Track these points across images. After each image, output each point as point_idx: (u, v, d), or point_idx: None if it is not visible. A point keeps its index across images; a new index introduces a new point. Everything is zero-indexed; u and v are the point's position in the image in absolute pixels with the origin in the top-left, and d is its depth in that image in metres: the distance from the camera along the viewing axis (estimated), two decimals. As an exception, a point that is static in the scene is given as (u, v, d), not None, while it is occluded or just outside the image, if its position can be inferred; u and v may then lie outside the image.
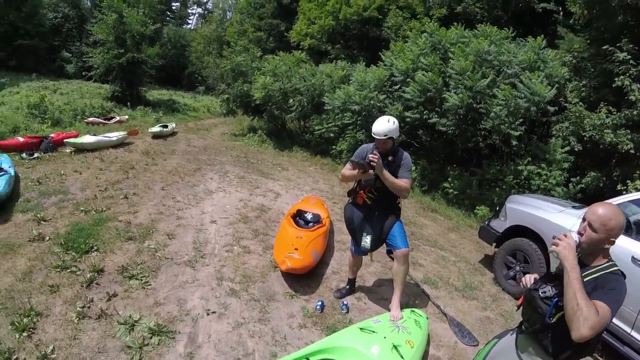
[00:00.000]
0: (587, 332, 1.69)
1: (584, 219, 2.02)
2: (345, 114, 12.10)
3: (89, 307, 3.76)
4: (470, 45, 9.99)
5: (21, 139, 9.48)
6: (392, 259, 4.05)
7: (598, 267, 1.96)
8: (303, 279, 4.61)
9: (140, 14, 21.40)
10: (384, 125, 3.65)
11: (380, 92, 11.47)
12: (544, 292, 2.01)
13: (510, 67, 9.54)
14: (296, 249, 4.55)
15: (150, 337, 3.46)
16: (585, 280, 1.87)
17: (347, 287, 4.51)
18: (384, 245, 3.94)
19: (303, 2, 23.83)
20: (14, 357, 3.15)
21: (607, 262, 1.98)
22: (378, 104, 11.15)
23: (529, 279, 2.23)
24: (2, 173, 6.39)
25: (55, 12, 38.03)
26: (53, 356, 3.19)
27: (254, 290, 4.34)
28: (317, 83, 13.85)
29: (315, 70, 15.07)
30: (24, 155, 8.68)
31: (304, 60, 17.29)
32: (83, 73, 24.86)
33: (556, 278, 2.04)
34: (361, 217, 3.89)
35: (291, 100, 14.03)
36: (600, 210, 1.96)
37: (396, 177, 3.64)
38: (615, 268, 1.94)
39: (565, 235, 1.95)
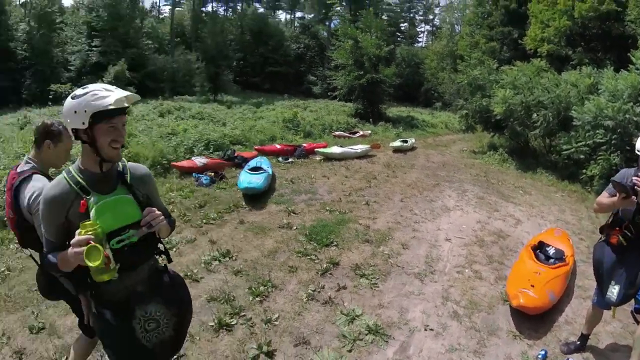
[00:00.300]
0: None
1: None
2: (597, 131, 10.30)
3: (319, 292, 4.35)
4: None
5: (278, 146, 11.86)
6: (637, 321, 3.36)
7: None
8: (532, 320, 4.20)
9: (373, 38, 22.98)
10: None
11: (636, 104, 9.59)
12: None
13: None
14: (532, 286, 4.21)
15: (366, 334, 3.75)
16: None
17: (578, 342, 3.86)
18: (636, 302, 3.31)
19: (532, 4, 21.84)
20: (242, 313, 3.89)
21: None
22: (635, 119, 9.33)
23: None
24: (262, 171, 8.07)
25: (298, 43, 46.28)
26: (276, 323, 3.82)
27: (477, 319, 4.22)
28: (562, 94, 12.34)
29: (559, 80, 13.52)
30: (280, 159, 10.74)
31: (544, 68, 15.78)
32: (328, 93, 28.65)
33: None
34: (613, 261, 3.29)
35: (535, 115, 12.72)
36: None
37: None
38: None
39: None
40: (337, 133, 16.99)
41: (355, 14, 31.79)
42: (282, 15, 63.27)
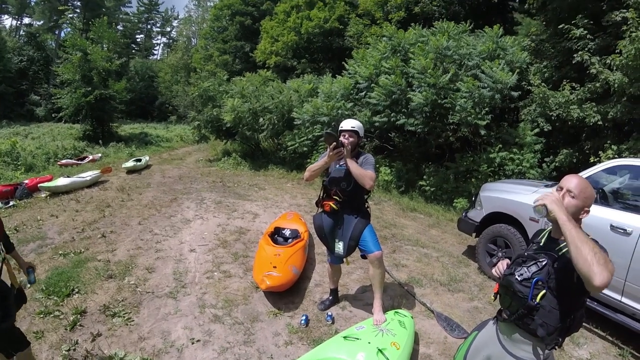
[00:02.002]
0: (608, 276, 1.56)
1: (560, 188, 1.95)
2: (315, 127, 12.17)
3: (74, 350, 3.72)
4: (429, 43, 10.15)
5: (-5, 188, 9.34)
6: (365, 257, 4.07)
7: None
8: (286, 296, 4.57)
9: (104, 50, 21.41)
10: (350, 121, 3.87)
11: (347, 101, 11.57)
12: (521, 274, 1.92)
13: (471, 59, 9.75)
14: (274, 267, 4.51)
15: (138, 373, 3.40)
16: (560, 254, 1.85)
17: (330, 297, 4.49)
18: (360, 251, 3.93)
19: (265, 21, 24.12)
20: None
21: None
22: (346, 112, 11.23)
23: (501, 266, 2.15)
24: None
25: (20, 56, 38.27)
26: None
27: (237, 313, 4.28)
28: (285, 99, 13.94)
29: (283, 87, 15.16)
30: None
31: (270, 78, 17.46)
32: (53, 115, 25.04)
33: (529, 258, 1.98)
34: (331, 224, 3.90)
35: (261, 120, 14.05)
36: (576, 178, 1.92)
37: None
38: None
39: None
40: (63, 161, 14.93)
41: (88, 23, 28.78)
42: (8, 21, 52.68)
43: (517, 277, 1.94)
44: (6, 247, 2.96)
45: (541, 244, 2.04)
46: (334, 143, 3.53)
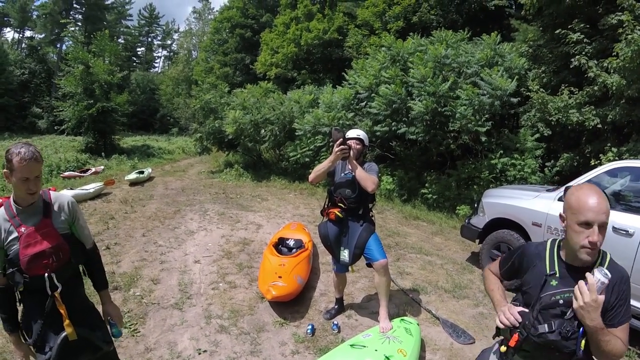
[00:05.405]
0: None
1: (587, 224, 1.61)
2: (316, 137, 12.23)
3: None
4: (428, 52, 10.24)
5: None
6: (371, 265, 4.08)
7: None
8: (291, 306, 4.57)
9: (106, 63, 21.56)
10: (356, 130, 3.96)
11: (348, 111, 11.64)
12: (568, 330, 1.64)
13: (470, 67, 9.82)
14: (280, 277, 4.52)
15: (145, 385, 3.39)
16: None
17: (336, 306, 4.49)
18: (365, 259, 3.94)
19: (264, 33, 24.27)
20: None
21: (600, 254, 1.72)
22: (347, 122, 11.31)
23: (514, 316, 1.77)
24: None
25: (22, 69, 38.61)
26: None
27: (243, 324, 4.29)
28: (286, 110, 14.03)
29: (284, 98, 15.26)
30: None
31: (271, 90, 17.55)
32: (55, 127, 25.28)
33: (564, 305, 1.68)
34: (336, 233, 3.91)
35: (263, 131, 14.15)
36: (601, 203, 1.61)
37: None
38: (609, 258, 1.71)
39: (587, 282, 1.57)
40: (66, 174, 15.01)
41: (89, 36, 29.10)
42: (10, 34, 53.54)
43: (562, 332, 1.65)
44: (95, 282, 2.62)
45: (558, 275, 1.75)
46: (340, 140, 3.55)
